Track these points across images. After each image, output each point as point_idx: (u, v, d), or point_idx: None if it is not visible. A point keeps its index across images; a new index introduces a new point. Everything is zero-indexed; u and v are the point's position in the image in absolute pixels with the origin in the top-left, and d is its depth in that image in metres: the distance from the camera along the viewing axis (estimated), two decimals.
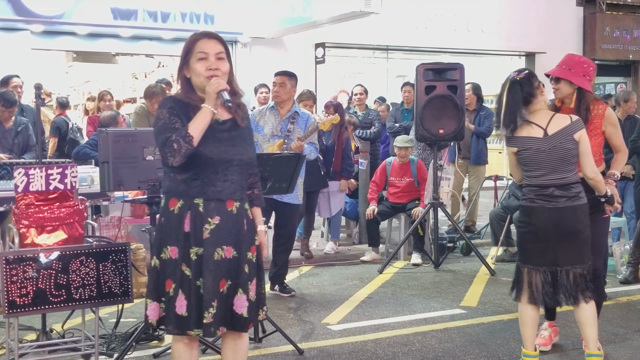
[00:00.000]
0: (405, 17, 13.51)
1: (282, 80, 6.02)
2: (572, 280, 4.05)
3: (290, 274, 7.00)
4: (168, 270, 3.07)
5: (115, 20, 10.70)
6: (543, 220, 4.06)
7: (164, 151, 2.99)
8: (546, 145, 4.03)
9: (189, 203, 3.06)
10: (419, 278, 6.89)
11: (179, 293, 3.05)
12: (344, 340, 4.91)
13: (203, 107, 3.04)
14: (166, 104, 3.10)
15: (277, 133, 5.95)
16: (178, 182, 3.07)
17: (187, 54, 3.11)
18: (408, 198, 7.74)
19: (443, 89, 7.07)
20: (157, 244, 3.12)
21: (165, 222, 3.09)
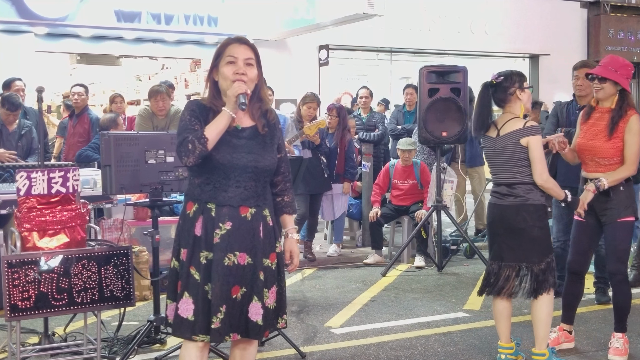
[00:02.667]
0: (408, 19, 13.50)
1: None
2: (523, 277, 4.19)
3: (293, 277, 7.00)
4: (180, 272, 3.11)
5: (118, 23, 10.72)
6: (492, 215, 4.29)
7: (179, 150, 3.01)
8: (496, 145, 4.22)
9: (202, 207, 3.08)
10: (422, 281, 6.87)
11: (184, 295, 3.05)
12: (346, 343, 4.89)
13: (222, 111, 3.05)
14: (189, 107, 3.13)
15: None
16: (195, 186, 3.11)
17: (217, 57, 3.13)
18: (411, 200, 7.73)
19: (446, 91, 7.06)
20: (176, 245, 3.16)
21: (182, 224, 3.14)
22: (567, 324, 4.76)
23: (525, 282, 4.18)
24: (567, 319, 4.75)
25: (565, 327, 4.76)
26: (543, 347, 4.23)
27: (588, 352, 4.65)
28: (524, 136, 4.11)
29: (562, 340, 4.71)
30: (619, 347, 4.47)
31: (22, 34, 10.30)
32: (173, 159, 4.73)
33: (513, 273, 4.20)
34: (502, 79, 4.24)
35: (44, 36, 10.52)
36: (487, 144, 4.29)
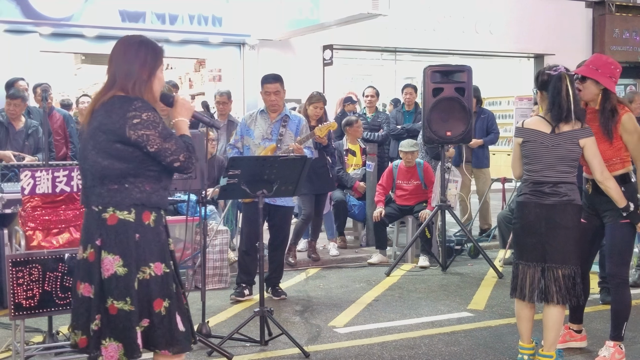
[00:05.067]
0: (413, 18, 13.49)
1: (276, 89, 5.93)
2: (556, 280, 4.10)
3: (297, 276, 7.01)
4: (155, 289, 2.92)
5: (123, 23, 10.72)
6: (534, 215, 4.15)
7: (189, 156, 2.98)
8: (550, 142, 4.10)
9: (159, 215, 3.00)
10: (427, 281, 6.86)
11: (176, 309, 2.98)
12: (350, 343, 4.89)
13: (185, 121, 3.13)
14: (149, 106, 2.98)
15: (267, 137, 5.95)
16: (149, 194, 2.94)
17: (158, 62, 3.10)
18: (415, 200, 7.72)
19: (450, 91, 7.05)
20: (134, 264, 2.88)
21: (142, 238, 2.91)
22: (575, 324, 4.74)
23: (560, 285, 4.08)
24: (575, 319, 4.73)
25: (574, 327, 4.74)
26: (552, 350, 4.19)
27: (593, 352, 4.63)
28: (583, 137, 4.09)
29: (568, 339, 4.70)
30: (606, 356, 4.37)
31: (27, 34, 10.32)
32: None
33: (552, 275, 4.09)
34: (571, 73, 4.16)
35: (49, 36, 10.53)
36: (537, 139, 4.12)
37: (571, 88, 4.08)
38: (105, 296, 2.88)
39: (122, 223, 2.88)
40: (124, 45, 3.05)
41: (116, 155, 2.90)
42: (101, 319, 2.88)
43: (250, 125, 6.03)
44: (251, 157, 5.57)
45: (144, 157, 2.92)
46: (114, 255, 2.86)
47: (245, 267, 6.01)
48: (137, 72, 2.98)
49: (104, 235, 2.89)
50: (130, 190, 2.90)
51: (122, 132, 2.88)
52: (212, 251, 6.37)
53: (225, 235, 6.62)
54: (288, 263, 7.25)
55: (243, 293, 6.00)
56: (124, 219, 2.88)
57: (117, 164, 2.90)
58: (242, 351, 4.68)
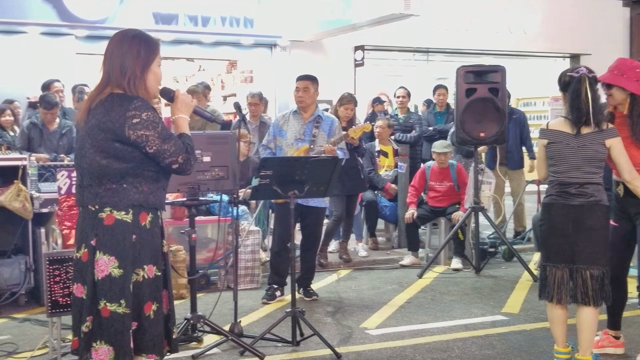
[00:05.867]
0: (445, 19, 13.39)
1: (305, 85, 6.00)
2: (584, 281, 4.04)
3: (328, 277, 6.99)
4: (147, 292, 2.86)
5: (156, 25, 10.82)
6: (562, 216, 4.10)
7: (188, 158, 2.91)
8: (575, 143, 4.06)
9: (156, 216, 2.94)
10: (460, 283, 6.79)
11: (157, 314, 2.91)
12: (382, 345, 4.86)
13: (184, 118, 3.05)
14: (148, 104, 2.90)
15: (300, 137, 5.95)
16: (146, 194, 2.88)
17: (152, 57, 2.97)
18: (448, 202, 7.65)
19: (484, 91, 6.97)
20: (130, 265, 2.83)
21: (139, 239, 2.85)
22: (612, 330, 4.65)
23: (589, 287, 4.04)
24: (612, 325, 4.64)
25: (611, 333, 4.65)
26: (587, 354, 4.12)
27: (630, 358, 4.53)
28: (608, 137, 4.04)
29: (605, 344, 4.61)
30: None
31: (63, 37, 10.47)
32: (210, 159, 4.77)
33: (580, 277, 4.05)
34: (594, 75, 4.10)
35: (84, 38, 10.68)
36: (562, 140, 4.08)
37: (590, 91, 4.02)
38: (98, 298, 2.81)
39: (119, 223, 2.82)
40: (117, 41, 2.95)
41: (115, 154, 2.83)
42: (92, 321, 2.82)
43: (282, 126, 6.03)
44: (282, 158, 5.58)
45: (143, 158, 2.85)
46: (110, 256, 2.80)
47: (276, 268, 6.01)
48: (131, 68, 2.89)
49: (100, 236, 2.82)
50: (128, 191, 2.84)
51: (121, 132, 2.81)
52: (244, 251, 6.39)
53: (257, 235, 6.64)
54: (319, 264, 7.25)
55: (274, 295, 6.01)
56: (121, 220, 2.82)
57: (115, 163, 2.83)
58: (274, 351, 4.68)
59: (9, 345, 4.75)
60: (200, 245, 6.11)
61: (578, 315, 4.13)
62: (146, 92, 2.93)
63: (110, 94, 2.87)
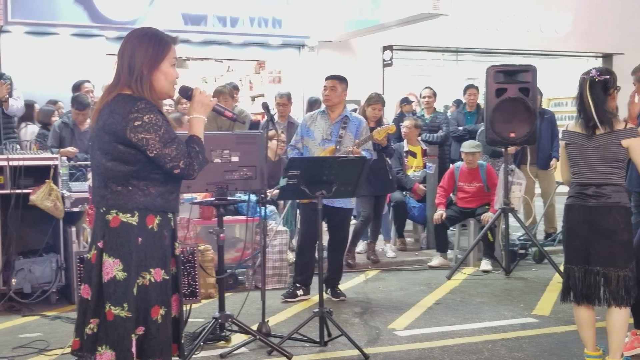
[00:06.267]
0: (475, 18, 13.27)
1: (332, 84, 6.02)
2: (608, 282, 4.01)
3: (356, 278, 6.97)
4: (153, 295, 2.80)
5: (186, 26, 10.89)
6: (576, 217, 4.11)
7: (191, 162, 2.79)
8: (590, 144, 4.05)
9: (165, 219, 2.87)
10: (489, 285, 6.72)
11: (164, 319, 2.84)
12: (410, 346, 4.82)
13: (200, 119, 2.94)
14: (153, 107, 2.80)
15: (327, 137, 5.95)
16: (154, 197, 2.81)
17: (160, 56, 2.87)
18: (477, 203, 7.58)
19: (514, 91, 6.90)
20: (134, 268, 2.78)
21: (145, 242, 2.79)
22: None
23: (611, 288, 4.00)
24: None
25: (639, 333, 4.57)
26: (618, 356, 4.07)
27: None
28: (626, 137, 4.01)
29: (635, 345, 4.53)
30: None
31: (94, 38, 10.57)
32: (238, 159, 4.78)
33: (600, 279, 4.02)
34: (605, 78, 4.06)
35: (115, 39, 10.75)
36: (577, 141, 4.10)
37: (591, 94, 4.01)
38: (103, 301, 2.78)
39: (124, 226, 2.77)
40: (127, 39, 2.89)
41: (119, 157, 2.78)
42: (98, 324, 2.79)
43: (310, 126, 6.03)
44: (310, 158, 5.57)
45: (147, 160, 2.78)
46: (114, 258, 2.77)
47: (301, 268, 6.04)
48: (138, 67, 2.82)
49: (106, 238, 2.79)
50: (133, 193, 2.79)
51: (123, 134, 2.75)
52: (272, 251, 6.40)
53: (285, 235, 6.64)
54: (347, 264, 7.23)
55: (295, 294, 6.03)
56: (126, 222, 2.77)
57: (120, 166, 2.78)
58: (302, 351, 4.67)
59: (40, 343, 4.80)
60: (229, 245, 6.13)
61: (607, 317, 4.09)
62: (153, 93, 2.84)
63: (117, 95, 2.82)
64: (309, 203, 5.77)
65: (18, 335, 5.05)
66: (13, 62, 9.94)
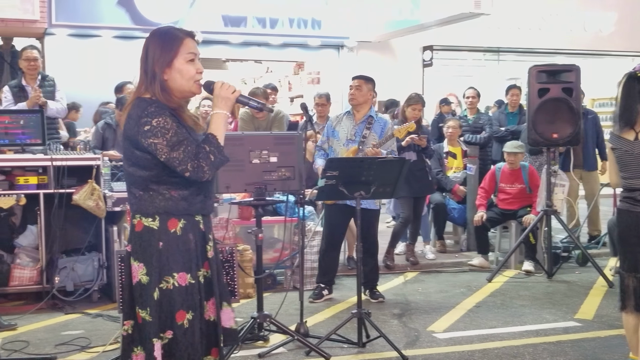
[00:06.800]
0: (517, 17, 13.10)
1: (358, 83, 5.99)
2: None
3: (394, 280, 6.92)
4: (178, 300, 2.75)
5: (225, 27, 10.99)
6: (625, 223, 4.01)
7: (198, 164, 2.68)
8: (634, 149, 3.95)
9: (191, 222, 2.79)
10: (531, 288, 6.61)
11: (191, 323, 2.78)
12: (450, 349, 4.77)
13: (220, 114, 2.80)
14: (162, 111, 2.71)
15: (351, 138, 5.92)
16: (177, 200, 2.75)
17: (172, 53, 2.77)
18: (519, 205, 7.46)
19: (557, 91, 6.78)
20: (156, 273, 2.73)
21: (166, 246, 2.74)
22: None
23: None
24: None
25: None
26: None
27: None
28: None
29: None
30: None
31: (135, 40, 10.73)
32: (276, 159, 4.79)
33: None
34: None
35: None
36: (623, 147, 3.98)
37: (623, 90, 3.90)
38: (134, 303, 2.78)
39: (146, 230, 2.74)
40: (145, 41, 2.82)
41: (137, 162, 2.75)
42: (132, 326, 2.79)
43: (335, 126, 6.02)
44: (349, 159, 5.55)
45: (163, 164, 2.71)
46: (139, 262, 2.75)
47: (324, 268, 6.05)
48: (151, 68, 2.75)
49: (132, 242, 2.78)
50: (154, 198, 2.74)
51: (137, 139, 2.70)
52: (310, 252, 6.39)
53: None
54: (386, 266, 7.19)
55: (321, 294, 6.04)
56: (148, 226, 2.74)
57: (139, 171, 2.75)
58: (340, 352, 4.65)
59: (82, 340, 4.87)
60: (267, 245, 6.14)
61: None
62: (166, 94, 2.76)
63: (135, 99, 2.78)
64: (332, 204, 5.76)
65: (61, 332, 5.14)
66: (57, 64, 10.16)
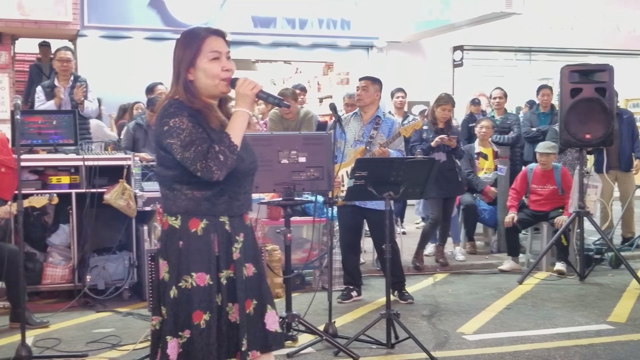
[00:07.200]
0: (549, 17, 12.95)
1: (364, 84, 5.99)
2: None
3: (424, 281, 6.88)
4: (196, 300, 2.73)
5: (255, 28, 11.04)
6: None
7: (207, 164, 2.63)
8: None
9: (214, 222, 2.76)
10: (562, 290, 6.52)
11: (208, 324, 2.74)
12: (479, 351, 4.72)
13: (239, 112, 2.73)
14: (181, 111, 2.69)
15: (359, 139, 5.91)
16: (199, 200, 2.73)
17: (194, 53, 2.74)
18: (551, 206, 7.36)
19: (590, 91, 6.68)
20: (175, 272, 2.74)
21: (186, 246, 2.73)
22: None
23: None
24: None
25: None
26: None
27: None
28: None
29: None
30: None
31: (166, 41, 10.83)
32: (305, 159, 4.79)
33: None
34: None
35: None
36: None
37: None
38: (162, 300, 2.81)
39: (170, 229, 2.76)
40: (175, 42, 2.83)
41: (162, 162, 2.77)
42: (160, 322, 2.82)
43: (344, 128, 6.00)
44: (377, 159, 5.53)
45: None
46: (164, 260, 2.78)
47: (348, 270, 6.07)
48: (176, 70, 2.76)
49: (160, 239, 2.84)
50: (177, 197, 2.75)
51: (160, 140, 2.72)
52: (339, 252, 6.37)
53: None
54: (415, 267, 7.15)
55: (350, 295, 6.05)
56: (172, 225, 2.75)
57: (164, 170, 2.77)
58: (368, 353, 4.63)
59: (112, 338, 4.92)
60: (296, 246, 6.15)
61: None
62: (189, 94, 2.74)
63: (165, 100, 2.80)
64: (342, 206, 5.74)
65: (92, 330, 5.20)
66: (89, 65, 10.29)
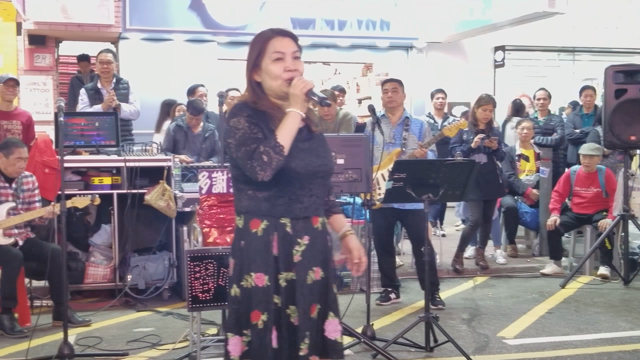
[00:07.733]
0: (593, 16, 12.71)
1: (394, 86, 6.00)
2: None
3: (464, 284, 6.81)
4: (254, 300, 2.72)
5: (294, 30, 11.01)
6: None
7: (251, 164, 2.63)
8: None
9: (274, 223, 2.74)
10: (606, 295, 6.38)
11: (272, 325, 2.74)
12: (520, 355, 4.65)
13: (290, 112, 2.69)
14: (242, 112, 2.71)
15: (390, 141, 5.85)
16: (260, 201, 2.73)
17: (258, 55, 2.75)
18: (594, 209, 7.22)
19: (635, 92, 6.55)
20: (237, 270, 2.76)
21: (247, 245, 2.74)
22: None
23: None
24: None
25: None
26: None
27: None
28: None
29: None
30: None
31: (206, 43, 10.94)
32: (343, 161, 4.77)
33: None
34: None
35: (226, 44, 11.09)
36: None
37: None
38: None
39: (237, 228, 2.80)
40: None
41: (231, 161, 2.80)
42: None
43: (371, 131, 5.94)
44: (417, 160, 5.49)
45: None
46: (232, 258, 2.81)
47: (385, 272, 6.06)
48: (247, 75, 2.80)
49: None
50: (241, 197, 2.78)
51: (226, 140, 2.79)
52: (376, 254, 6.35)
53: None
54: (455, 270, 7.08)
55: (389, 297, 6.04)
56: (237, 224, 2.79)
57: (233, 170, 2.81)
58: (407, 356, 4.60)
59: (152, 337, 4.99)
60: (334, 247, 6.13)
61: None
62: (255, 96, 2.75)
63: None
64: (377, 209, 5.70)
65: (132, 329, 5.27)
66: (130, 67, 10.44)
